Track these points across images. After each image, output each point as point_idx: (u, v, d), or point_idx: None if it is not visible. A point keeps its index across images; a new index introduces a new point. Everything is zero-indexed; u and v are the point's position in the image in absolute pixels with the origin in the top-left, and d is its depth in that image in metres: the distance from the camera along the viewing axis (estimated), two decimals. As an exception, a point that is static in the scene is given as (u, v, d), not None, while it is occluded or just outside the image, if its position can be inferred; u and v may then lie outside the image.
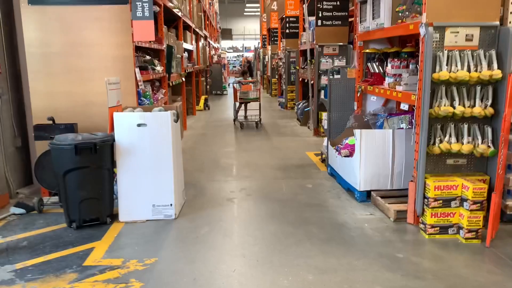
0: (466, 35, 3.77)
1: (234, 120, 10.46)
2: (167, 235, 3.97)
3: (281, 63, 14.74)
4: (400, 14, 4.46)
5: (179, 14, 8.89)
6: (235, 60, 36.62)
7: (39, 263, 3.46)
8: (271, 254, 3.57)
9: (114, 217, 4.33)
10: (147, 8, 4.92)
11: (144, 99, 5.53)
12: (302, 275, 3.22)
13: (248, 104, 10.89)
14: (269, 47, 18.56)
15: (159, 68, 6.72)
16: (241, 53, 42.42)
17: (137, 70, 5.16)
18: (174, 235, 3.98)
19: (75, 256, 3.58)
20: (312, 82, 9.03)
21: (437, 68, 3.76)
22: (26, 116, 5.38)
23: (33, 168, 4.89)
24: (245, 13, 44.82)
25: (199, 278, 3.20)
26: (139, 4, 4.88)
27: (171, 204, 4.32)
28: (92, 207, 4.15)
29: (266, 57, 20.06)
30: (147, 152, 4.22)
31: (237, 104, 10.47)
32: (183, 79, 9.75)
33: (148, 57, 6.48)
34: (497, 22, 3.76)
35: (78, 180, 4.03)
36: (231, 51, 44.02)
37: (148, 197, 4.29)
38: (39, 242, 3.86)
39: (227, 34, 44.07)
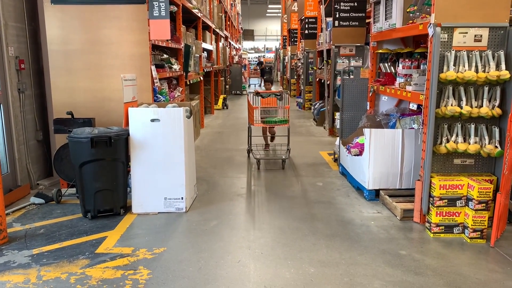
0: (475, 36, 3.79)
1: (248, 152, 6.94)
2: (177, 227, 4.11)
3: (299, 64, 14.80)
4: (411, 14, 4.49)
5: (198, 14, 9.06)
6: (256, 61, 36.74)
7: (54, 249, 3.64)
8: (276, 247, 3.67)
9: (128, 208, 4.50)
10: (164, 8, 5.08)
11: (160, 96, 5.69)
12: (304, 267, 3.30)
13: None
14: (288, 48, 18.63)
15: (176, 66, 6.88)
16: (262, 54, 42.56)
17: (153, 67, 5.32)
18: (183, 227, 4.12)
19: (88, 244, 3.75)
20: (328, 82, 9.08)
21: (445, 68, 3.79)
22: (47, 111, 5.61)
23: (53, 161, 5.11)
24: (267, 14, 44.96)
25: (204, 267, 3.32)
26: (156, 4, 5.04)
27: (182, 198, 4.46)
28: (107, 198, 4.32)
29: (286, 57, 20.14)
30: (160, 147, 4.36)
31: (252, 127, 6.68)
32: (201, 78, 9.92)
33: (165, 56, 6.65)
34: (507, 23, 3.76)
35: (94, 172, 4.21)
36: (253, 51, 44.21)
37: (160, 190, 4.43)
38: (55, 230, 4.05)
39: (249, 34, 44.29)
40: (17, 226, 4.17)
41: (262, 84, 8.76)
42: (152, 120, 4.33)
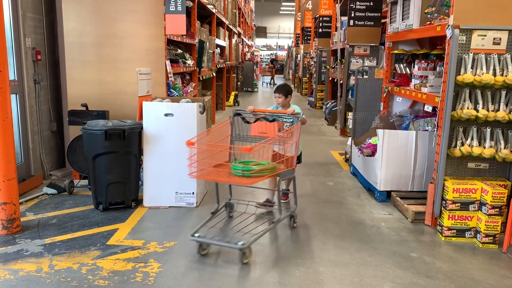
0: (494, 39, 3.74)
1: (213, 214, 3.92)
2: (187, 221, 4.12)
3: (312, 62, 14.75)
4: (428, 15, 4.45)
5: (213, 10, 9.06)
6: (268, 58, 36.64)
7: (66, 240, 3.67)
8: (285, 245, 3.66)
9: (139, 201, 4.53)
10: (180, 3, 5.09)
11: (174, 90, 5.70)
12: (314, 266, 3.30)
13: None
14: (301, 46, 18.58)
15: (190, 62, 6.89)
16: (274, 51, 42.47)
17: (167, 62, 5.34)
18: (194, 221, 4.13)
19: (100, 235, 3.78)
20: (341, 81, 9.04)
21: (462, 70, 3.75)
22: (62, 102, 5.65)
23: (66, 152, 5.15)
24: (280, 12, 44.85)
25: (213, 263, 3.32)
26: (173, -1, 5.05)
27: (193, 193, 4.47)
28: (119, 190, 4.34)
29: (299, 56, 20.09)
30: (173, 141, 4.38)
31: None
32: (214, 74, 9.93)
33: (179, 51, 6.66)
34: (527, 27, 3.71)
35: (107, 164, 4.24)
36: (265, 49, 44.14)
37: (172, 185, 4.45)
38: (67, 221, 4.09)
39: (261, 32, 44.17)
40: (30, 215, 4.22)
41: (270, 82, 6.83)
42: (166, 115, 4.35)
